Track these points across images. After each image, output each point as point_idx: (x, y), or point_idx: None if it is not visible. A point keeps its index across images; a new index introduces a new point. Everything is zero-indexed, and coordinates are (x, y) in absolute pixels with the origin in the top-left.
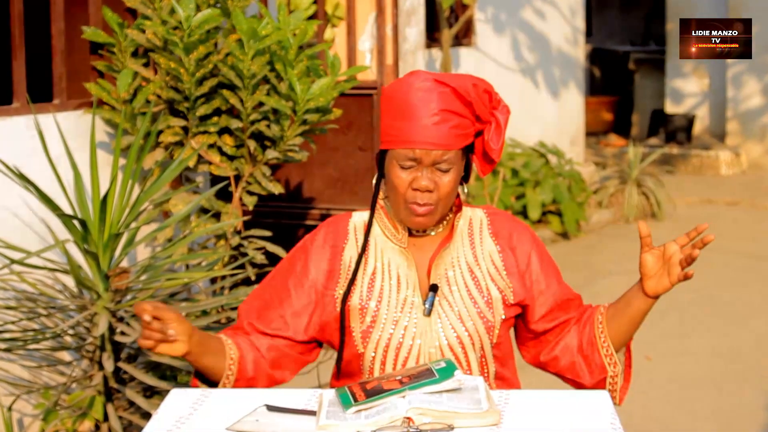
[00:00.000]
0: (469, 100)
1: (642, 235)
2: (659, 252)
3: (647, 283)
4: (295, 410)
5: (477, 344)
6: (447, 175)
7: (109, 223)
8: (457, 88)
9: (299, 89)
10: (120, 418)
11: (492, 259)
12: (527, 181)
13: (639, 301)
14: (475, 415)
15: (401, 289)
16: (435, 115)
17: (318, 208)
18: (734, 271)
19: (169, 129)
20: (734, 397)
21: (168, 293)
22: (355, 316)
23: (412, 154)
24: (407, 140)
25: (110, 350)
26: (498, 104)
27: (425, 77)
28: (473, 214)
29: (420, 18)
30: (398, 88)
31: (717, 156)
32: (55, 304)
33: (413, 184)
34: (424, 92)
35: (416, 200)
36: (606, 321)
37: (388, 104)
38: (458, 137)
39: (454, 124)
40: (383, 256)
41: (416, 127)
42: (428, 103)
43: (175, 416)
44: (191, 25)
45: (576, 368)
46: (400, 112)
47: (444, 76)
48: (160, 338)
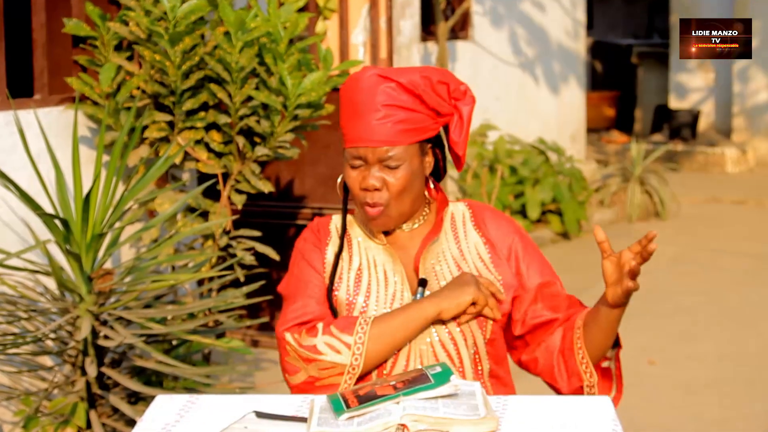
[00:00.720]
0: (418, 93)
1: (598, 240)
2: (616, 259)
3: (608, 291)
4: (286, 417)
5: (470, 341)
6: (397, 172)
7: (92, 222)
8: (403, 82)
9: (290, 84)
10: (103, 425)
11: (478, 251)
12: (526, 180)
13: (605, 309)
14: (471, 422)
15: (389, 285)
16: (377, 111)
17: (309, 207)
18: (741, 273)
19: (154, 124)
20: (741, 402)
21: (154, 295)
22: (342, 311)
23: (356, 153)
24: (353, 138)
25: (93, 355)
26: (462, 95)
27: (370, 73)
28: (455, 208)
29: (415, 10)
30: (347, 86)
31: (723, 153)
32: (36, 307)
33: (362, 184)
34: (368, 88)
35: (366, 200)
36: (582, 328)
37: (341, 102)
38: (406, 132)
39: (400, 118)
40: (367, 253)
41: (360, 125)
42: (371, 99)
43: (160, 423)
44: (177, 16)
45: (554, 373)
46: (346, 111)
47: (390, 71)
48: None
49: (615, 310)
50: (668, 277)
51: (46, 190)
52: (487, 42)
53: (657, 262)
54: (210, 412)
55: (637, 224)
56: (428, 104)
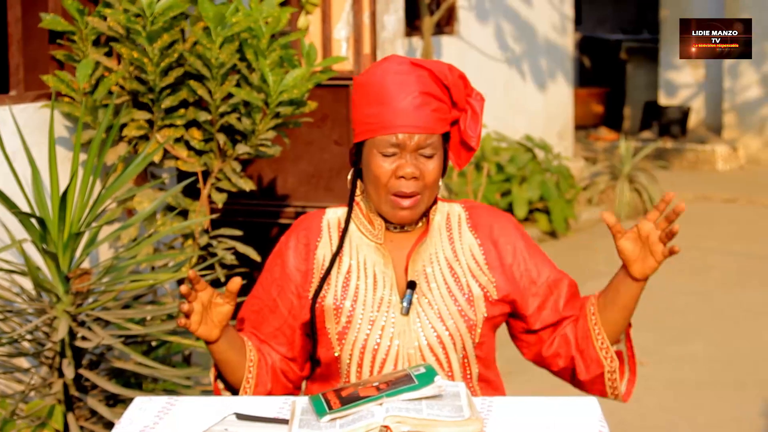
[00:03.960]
0: (447, 83)
1: (610, 224)
2: (634, 234)
3: (633, 267)
4: (266, 419)
5: (459, 344)
6: (431, 162)
7: (69, 221)
8: (434, 71)
9: (272, 80)
10: (81, 428)
11: (472, 253)
12: (513, 177)
13: (627, 286)
14: (456, 423)
15: (378, 287)
16: (416, 97)
17: (292, 205)
18: (732, 272)
19: (133, 122)
20: (732, 403)
21: (132, 296)
22: (330, 316)
23: (395, 140)
24: (388, 125)
25: (71, 356)
26: (472, 92)
27: (401, 60)
28: (450, 209)
29: (399, 5)
30: (373, 73)
31: (713, 150)
32: (12, 308)
33: (397, 172)
34: (402, 75)
35: (401, 189)
36: (598, 312)
37: (362, 91)
38: (439, 121)
39: (435, 107)
40: (358, 253)
41: (397, 111)
42: (407, 85)
43: (139, 426)
44: (154, 12)
45: (575, 363)
46: (377, 98)
47: (419, 60)
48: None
49: (640, 283)
50: (658, 276)
51: (22, 188)
52: (472, 37)
53: None
54: (189, 414)
55: (626, 223)
56: (453, 97)
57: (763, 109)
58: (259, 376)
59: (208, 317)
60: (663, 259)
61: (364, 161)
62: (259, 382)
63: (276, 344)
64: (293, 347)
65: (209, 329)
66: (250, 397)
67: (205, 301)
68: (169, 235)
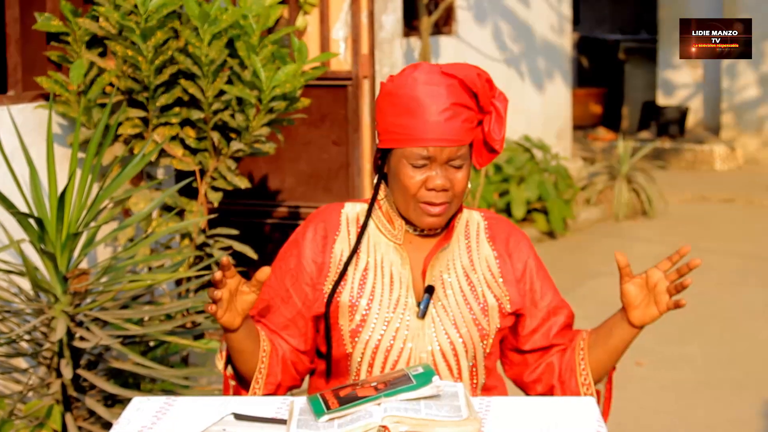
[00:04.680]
0: (476, 91)
1: (621, 266)
2: (641, 281)
3: (632, 313)
4: (265, 419)
5: (470, 352)
6: (460, 172)
7: (67, 222)
8: (464, 79)
9: (264, 76)
10: (79, 428)
11: (488, 264)
12: (511, 177)
13: (623, 330)
14: (454, 423)
15: (394, 288)
16: (447, 110)
17: (288, 205)
18: (730, 273)
19: (128, 121)
20: (730, 405)
21: (130, 296)
22: (344, 313)
23: (426, 153)
24: (419, 138)
25: (69, 356)
26: (495, 92)
27: (431, 69)
28: (470, 216)
29: (397, 4)
30: (402, 83)
31: (711, 150)
32: (10, 308)
33: (427, 184)
34: (433, 86)
35: (431, 200)
36: (587, 348)
37: (390, 100)
38: (468, 131)
39: (465, 117)
40: (376, 252)
41: (428, 124)
42: (438, 97)
43: (137, 426)
44: (148, 10)
45: (553, 392)
46: (407, 109)
47: (449, 68)
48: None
49: (634, 330)
50: None
51: (20, 188)
52: (471, 37)
53: (643, 262)
54: (187, 414)
55: (624, 223)
56: (480, 101)
57: (761, 109)
58: (270, 366)
59: (233, 305)
60: (666, 311)
61: (392, 169)
62: (271, 372)
63: (287, 335)
64: (305, 339)
65: (233, 317)
66: (248, 397)
67: (233, 289)
68: (166, 235)
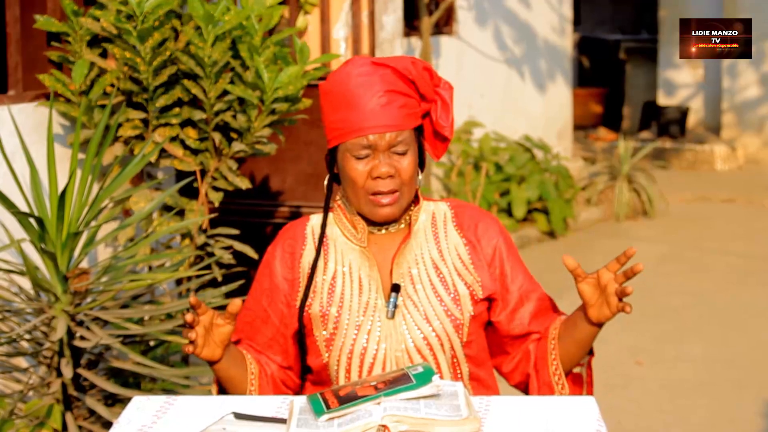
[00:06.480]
0: (412, 78)
1: (570, 269)
2: (594, 281)
3: (590, 311)
4: (264, 418)
5: (446, 344)
6: (405, 158)
7: (68, 221)
8: (397, 67)
9: (266, 77)
10: (80, 427)
11: (458, 252)
12: (512, 177)
13: (585, 326)
14: (453, 422)
15: (363, 292)
16: (382, 96)
17: (289, 205)
18: (730, 273)
19: (128, 122)
20: (730, 404)
21: (131, 295)
22: (317, 324)
23: (366, 141)
24: (357, 128)
25: (69, 356)
26: (439, 82)
27: (362, 62)
28: (436, 207)
29: (398, 4)
30: (337, 79)
31: (712, 150)
32: (11, 308)
33: (372, 173)
34: (365, 77)
35: (379, 189)
36: (558, 338)
37: (328, 98)
38: (408, 117)
39: (402, 103)
40: (344, 258)
41: (364, 113)
42: (371, 86)
43: (137, 425)
44: (144, 11)
45: (529, 382)
46: (344, 103)
47: (380, 59)
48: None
49: (595, 327)
50: (656, 276)
51: (21, 188)
52: (471, 37)
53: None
54: (188, 413)
55: (624, 223)
56: (420, 90)
57: (762, 108)
58: (261, 387)
59: (210, 339)
60: (616, 312)
61: (339, 166)
62: (262, 393)
63: (272, 354)
64: (288, 356)
65: (212, 350)
66: (248, 396)
67: (206, 324)
68: (167, 234)
